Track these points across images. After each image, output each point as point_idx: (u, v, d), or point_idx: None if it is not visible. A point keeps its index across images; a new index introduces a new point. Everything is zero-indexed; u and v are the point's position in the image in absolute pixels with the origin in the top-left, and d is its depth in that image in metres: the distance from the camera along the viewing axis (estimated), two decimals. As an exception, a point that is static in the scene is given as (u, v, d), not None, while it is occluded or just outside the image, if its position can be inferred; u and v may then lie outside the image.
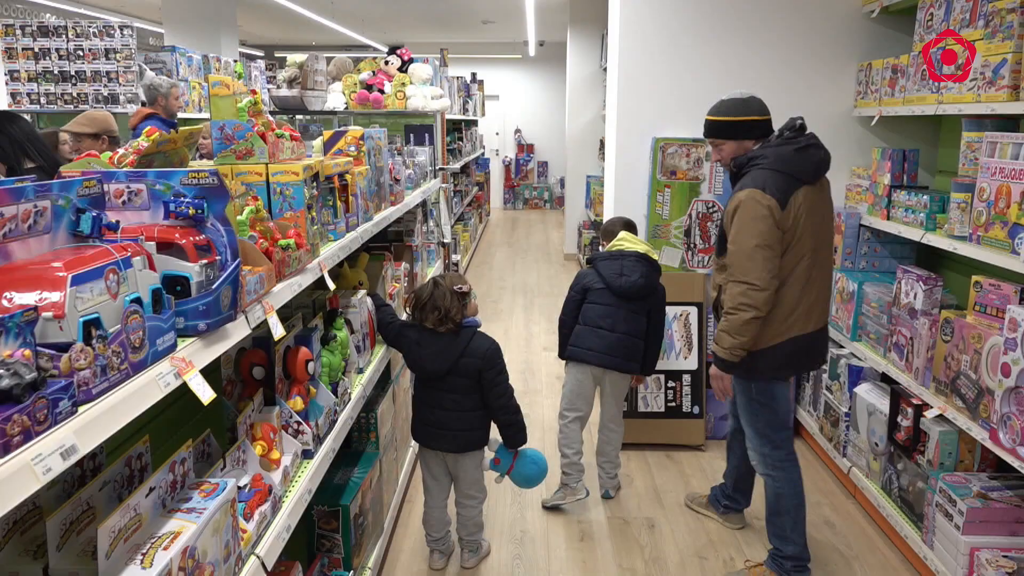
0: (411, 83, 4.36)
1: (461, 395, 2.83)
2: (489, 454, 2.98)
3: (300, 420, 2.03)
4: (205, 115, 5.72)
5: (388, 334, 2.94)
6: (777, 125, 3.97)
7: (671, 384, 4.03)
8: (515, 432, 2.92)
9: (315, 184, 2.15)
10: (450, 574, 2.99)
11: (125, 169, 1.61)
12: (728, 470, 3.32)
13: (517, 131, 15.24)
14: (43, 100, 4.89)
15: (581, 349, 3.38)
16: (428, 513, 3.00)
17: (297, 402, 2.06)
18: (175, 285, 1.41)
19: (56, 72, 4.85)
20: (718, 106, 2.84)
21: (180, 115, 5.41)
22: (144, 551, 1.25)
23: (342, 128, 2.83)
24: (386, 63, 4.40)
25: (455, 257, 6.37)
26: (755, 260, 2.58)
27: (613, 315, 3.33)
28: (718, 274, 2.83)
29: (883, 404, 3.22)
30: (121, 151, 1.75)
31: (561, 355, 3.48)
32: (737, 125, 2.78)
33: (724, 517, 3.35)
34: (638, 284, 3.29)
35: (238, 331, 1.54)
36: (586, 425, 3.49)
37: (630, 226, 3.60)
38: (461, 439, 2.86)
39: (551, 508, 3.45)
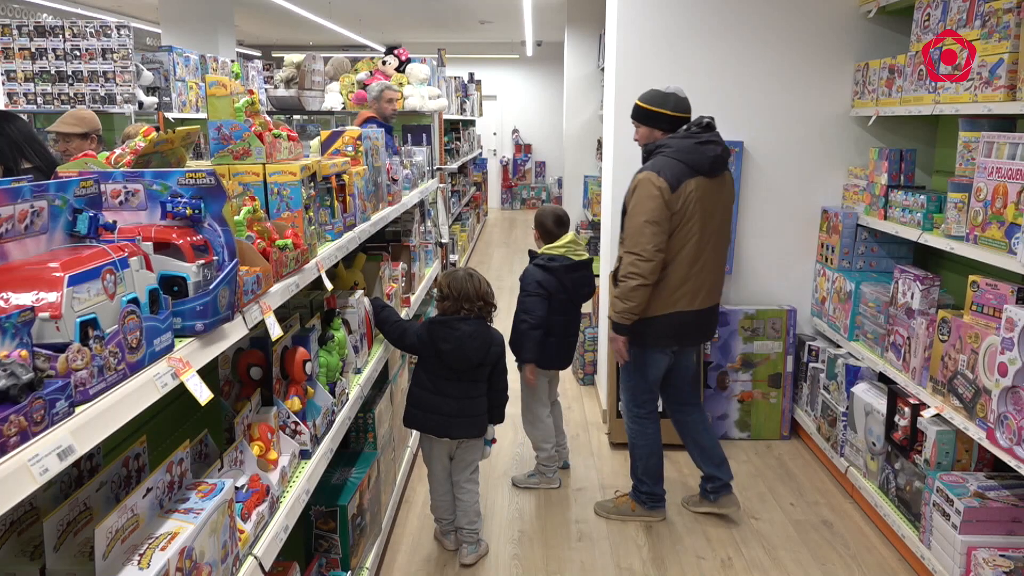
0: (409, 83, 4.36)
1: (483, 382, 2.96)
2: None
3: (298, 420, 2.03)
4: (202, 115, 5.71)
5: (397, 331, 2.94)
6: (773, 125, 4.10)
7: (669, 384, 4.03)
8: (503, 408, 3.09)
9: (312, 184, 2.15)
10: (448, 574, 2.99)
11: (122, 169, 1.61)
12: (694, 454, 3.37)
13: (515, 131, 15.24)
14: (40, 100, 4.88)
15: (546, 357, 3.52)
16: (438, 499, 3.07)
17: (295, 402, 2.05)
18: (172, 285, 1.40)
19: (53, 72, 4.84)
20: (644, 93, 3.15)
21: (177, 115, 5.41)
22: (141, 552, 1.25)
23: (340, 128, 2.83)
24: (384, 63, 4.41)
25: (453, 257, 6.37)
26: (644, 234, 2.91)
27: (570, 324, 3.54)
28: (621, 247, 3.09)
29: (880, 404, 3.23)
30: (118, 151, 1.75)
31: (532, 360, 3.46)
32: (649, 113, 3.10)
33: (717, 504, 3.36)
34: (591, 294, 3.53)
35: (235, 331, 1.53)
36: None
37: (564, 222, 3.62)
38: (479, 424, 2.98)
39: (523, 489, 3.66)
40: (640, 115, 3.12)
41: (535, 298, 3.41)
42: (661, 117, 3.06)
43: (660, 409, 3.32)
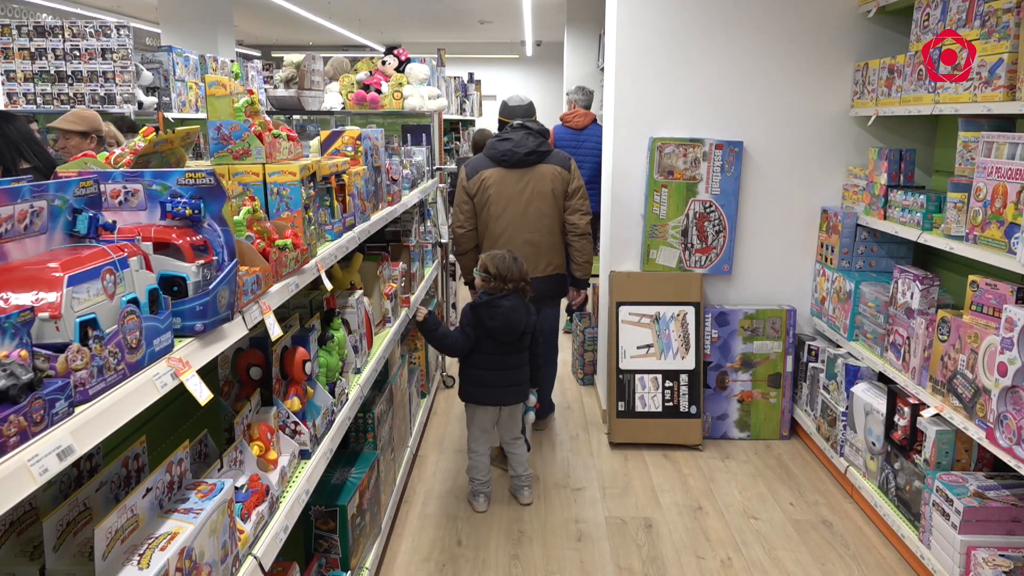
0: (408, 83, 4.35)
1: (527, 351, 3.34)
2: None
3: (297, 420, 2.03)
4: (202, 115, 5.71)
5: (449, 340, 3.31)
6: (773, 125, 4.14)
7: (668, 384, 4.03)
8: (538, 373, 3.46)
9: (312, 184, 2.15)
10: (448, 574, 2.98)
11: (122, 169, 1.61)
12: None
13: (514, 131, 15.22)
14: (39, 100, 4.88)
15: None
16: (476, 459, 3.39)
17: (294, 402, 2.05)
18: (172, 285, 1.40)
19: (52, 72, 4.84)
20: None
21: (176, 115, 5.40)
22: (141, 552, 1.25)
23: (339, 128, 2.83)
24: (383, 63, 4.40)
25: (452, 257, 6.36)
26: (453, 214, 3.73)
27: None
28: None
29: (880, 404, 3.23)
30: (118, 151, 1.75)
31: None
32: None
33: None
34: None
35: (235, 331, 1.53)
36: None
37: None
38: (524, 390, 3.38)
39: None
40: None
41: None
42: (499, 120, 3.87)
43: None
